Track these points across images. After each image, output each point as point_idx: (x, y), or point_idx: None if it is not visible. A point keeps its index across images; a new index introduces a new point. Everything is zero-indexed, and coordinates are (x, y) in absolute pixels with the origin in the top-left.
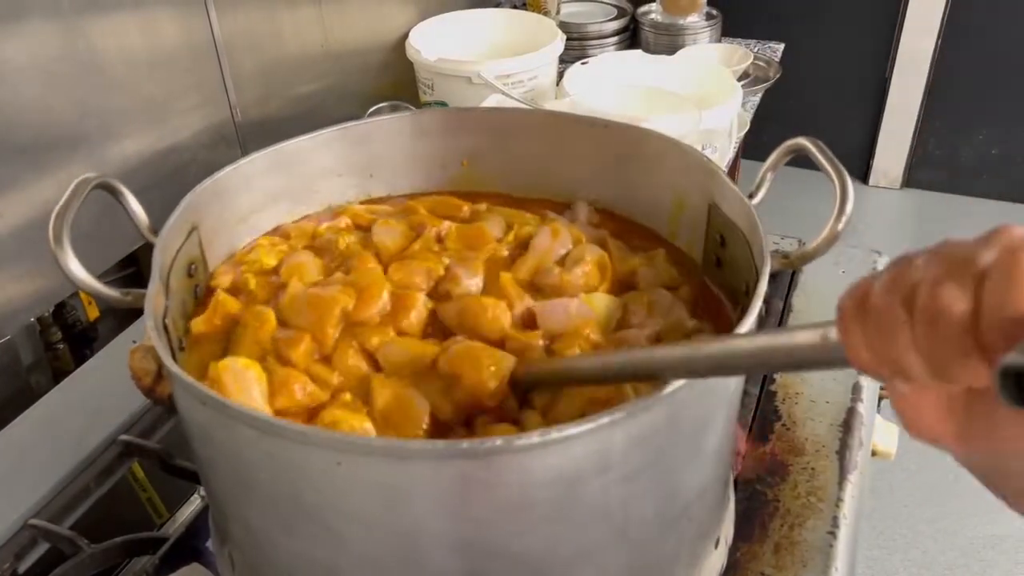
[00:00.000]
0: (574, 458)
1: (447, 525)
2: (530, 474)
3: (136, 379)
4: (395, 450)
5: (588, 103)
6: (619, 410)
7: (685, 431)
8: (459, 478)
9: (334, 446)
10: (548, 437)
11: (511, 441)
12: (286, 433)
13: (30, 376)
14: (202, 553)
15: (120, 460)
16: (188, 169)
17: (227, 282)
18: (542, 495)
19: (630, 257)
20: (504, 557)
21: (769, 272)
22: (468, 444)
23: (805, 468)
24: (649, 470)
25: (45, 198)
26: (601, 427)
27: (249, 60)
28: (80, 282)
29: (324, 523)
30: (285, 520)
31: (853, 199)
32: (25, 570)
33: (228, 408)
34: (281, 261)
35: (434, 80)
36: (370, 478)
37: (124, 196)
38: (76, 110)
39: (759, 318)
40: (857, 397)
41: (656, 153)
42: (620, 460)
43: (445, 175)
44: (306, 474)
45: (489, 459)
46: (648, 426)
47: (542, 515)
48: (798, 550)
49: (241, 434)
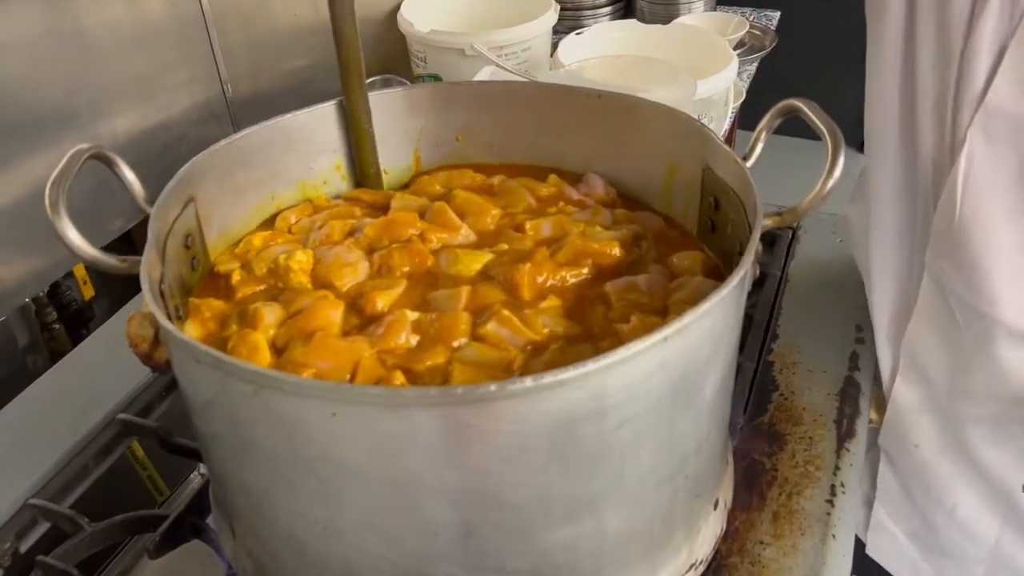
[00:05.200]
0: (568, 403)
1: (442, 475)
2: (525, 420)
3: (133, 346)
4: (389, 397)
5: (583, 74)
6: (612, 355)
7: (678, 381)
8: (453, 425)
9: (328, 395)
10: (542, 381)
11: (504, 386)
12: (281, 385)
13: (26, 357)
14: (203, 530)
15: (118, 439)
16: (179, 146)
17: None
18: (537, 443)
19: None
20: (499, 508)
21: (762, 229)
22: (462, 389)
23: (803, 437)
24: (644, 420)
25: (35, 177)
26: (595, 371)
27: (239, 34)
28: (77, 249)
29: (321, 477)
30: (283, 477)
31: (844, 153)
32: (26, 549)
33: (223, 363)
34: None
35: (427, 53)
36: (365, 427)
37: (119, 166)
38: (64, 88)
39: (755, 284)
40: (855, 366)
41: (650, 121)
42: (614, 408)
43: (439, 152)
44: (302, 427)
45: (483, 405)
46: (643, 371)
47: (537, 464)
48: (796, 518)
49: (237, 390)
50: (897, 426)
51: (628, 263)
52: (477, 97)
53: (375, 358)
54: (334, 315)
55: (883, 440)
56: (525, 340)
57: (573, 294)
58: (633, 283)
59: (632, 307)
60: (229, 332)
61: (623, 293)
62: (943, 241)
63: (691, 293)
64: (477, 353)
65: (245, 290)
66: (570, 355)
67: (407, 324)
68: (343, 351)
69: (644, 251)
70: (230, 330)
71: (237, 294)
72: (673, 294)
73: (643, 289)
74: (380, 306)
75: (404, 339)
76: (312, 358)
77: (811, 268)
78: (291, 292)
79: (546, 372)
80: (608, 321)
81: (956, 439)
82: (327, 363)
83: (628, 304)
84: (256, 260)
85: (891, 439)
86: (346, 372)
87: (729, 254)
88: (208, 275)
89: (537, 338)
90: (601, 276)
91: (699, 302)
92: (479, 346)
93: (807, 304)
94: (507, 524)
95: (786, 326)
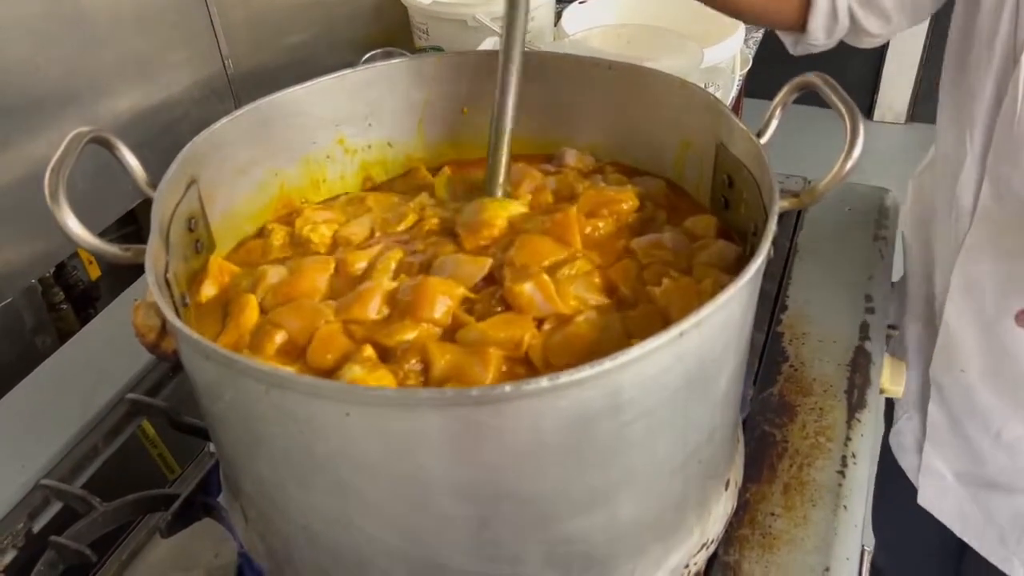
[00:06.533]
0: (583, 402)
1: (457, 472)
2: (540, 419)
3: (140, 336)
4: (404, 399)
5: (587, 43)
6: (628, 352)
7: (694, 373)
8: (469, 425)
9: (343, 397)
10: (558, 381)
11: (520, 386)
12: (295, 385)
13: (35, 338)
14: (214, 508)
15: (128, 419)
16: (181, 124)
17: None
18: (552, 440)
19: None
20: (514, 501)
21: (778, 212)
22: (478, 391)
23: (813, 408)
24: (659, 412)
25: (38, 158)
26: (611, 370)
27: (239, 10)
28: (78, 238)
29: (335, 474)
30: (296, 472)
31: (863, 136)
32: (39, 529)
33: (235, 362)
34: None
35: (429, 24)
36: (379, 428)
37: (119, 150)
38: (64, 68)
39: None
40: (865, 336)
41: (662, 93)
42: (629, 403)
43: (446, 123)
44: (315, 426)
45: (499, 405)
46: (659, 366)
47: (552, 459)
48: (807, 490)
49: (248, 388)
50: (946, 352)
51: (641, 222)
52: (485, 68)
53: (338, 327)
54: (320, 280)
55: (933, 370)
56: (553, 310)
57: (604, 248)
58: (659, 240)
59: (661, 266)
60: (240, 290)
61: (649, 250)
62: (1004, 143)
63: (714, 256)
64: (480, 334)
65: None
66: (596, 328)
67: (379, 293)
68: (311, 315)
69: (652, 211)
70: (240, 287)
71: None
72: (697, 255)
73: (668, 247)
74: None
75: (375, 310)
76: (285, 318)
77: (821, 238)
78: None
79: (562, 372)
80: (641, 282)
81: (1001, 360)
82: (296, 324)
83: (657, 263)
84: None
85: (940, 367)
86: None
87: (743, 231)
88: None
89: (565, 311)
90: (621, 233)
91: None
92: (486, 324)
93: (817, 274)
94: (521, 516)
95: (795, 296)
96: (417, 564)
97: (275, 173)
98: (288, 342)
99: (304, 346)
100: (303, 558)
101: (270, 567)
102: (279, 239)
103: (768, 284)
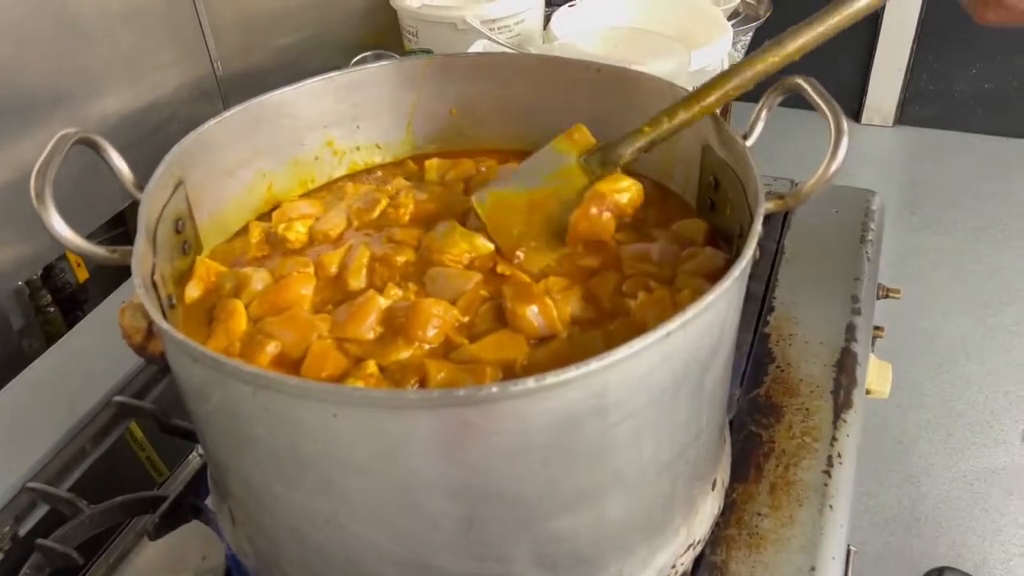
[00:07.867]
0: (570, 402)
1: (444, 472)
2: (527, 419)
3: (127, 337)
4: (391, 400)
5: (576, 47)
6: (614, 353)
7: (680, 374)
8: (456, 425)
9: (330, 398)
10: (544, 382)
11: (507, 387)
12: (282, 387)
13: (22, 340)
14: (202, 511)
15: (115, 421)
16: (170, 125)
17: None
18: (539, 440)
19: None
20: (501, 501)
21: (763, 214)
22: (464, 392)
23: (800, 409)
24: (645, 413)
25: (25, 159)
26: (597, 371)
27: (229, 11)
28: (65, 240)
29: (322, 474)
30: (284, 473)
31: (848, 137)
32: (26, 532)
33: (222, 364)
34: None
35: (418, 27)
36: (367, 428)
37: (106, 151)
38: (51, 68)
39: (752, 260)
40: (851, 337)
41: (649, 95)
42: (616, 404)
43: (434, 125)
44: (302, 427)
45: (485, 406)
46: (644, 369)
47: (539, 459)
48: (793, 489)
49: (236, 390)
50: None
51: (634, 218)
52: (473, 69)
53: (331, 343)
54: (304, 289)
55: None
56: (551, 332)
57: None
58: (646, 252)
59: (642, 278)
60: (224, 293)
61: (634, 262)
62: None
63: (700, 265)
64: (474, 352)
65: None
66: (578, 345)
67: (375, 312)
68: (305, 328)
69: (643, 210)
70: (225, 290)
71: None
72: (683, 264)
73: (655, 259)
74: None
75: (369, 329)
76: (277, 329)
77: (807, 240)
78: (279, 258)
79: (548, 372)
80: (620, 295)
81: None
82: (290, 336)
83: (639, 275)
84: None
85: None
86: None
87: (728, 233)
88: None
89: (560, 330)
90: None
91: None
92: (479, 345)
93: (803, 276)
94: (508, 516)
95: (782, 298)
96: (405, 564)
97: (263, 174)
98: (281, 353)
99: (298, 359)
100: (291, 560)
101: (258, 569)
102: (256, 236)
103: (755, 286)
